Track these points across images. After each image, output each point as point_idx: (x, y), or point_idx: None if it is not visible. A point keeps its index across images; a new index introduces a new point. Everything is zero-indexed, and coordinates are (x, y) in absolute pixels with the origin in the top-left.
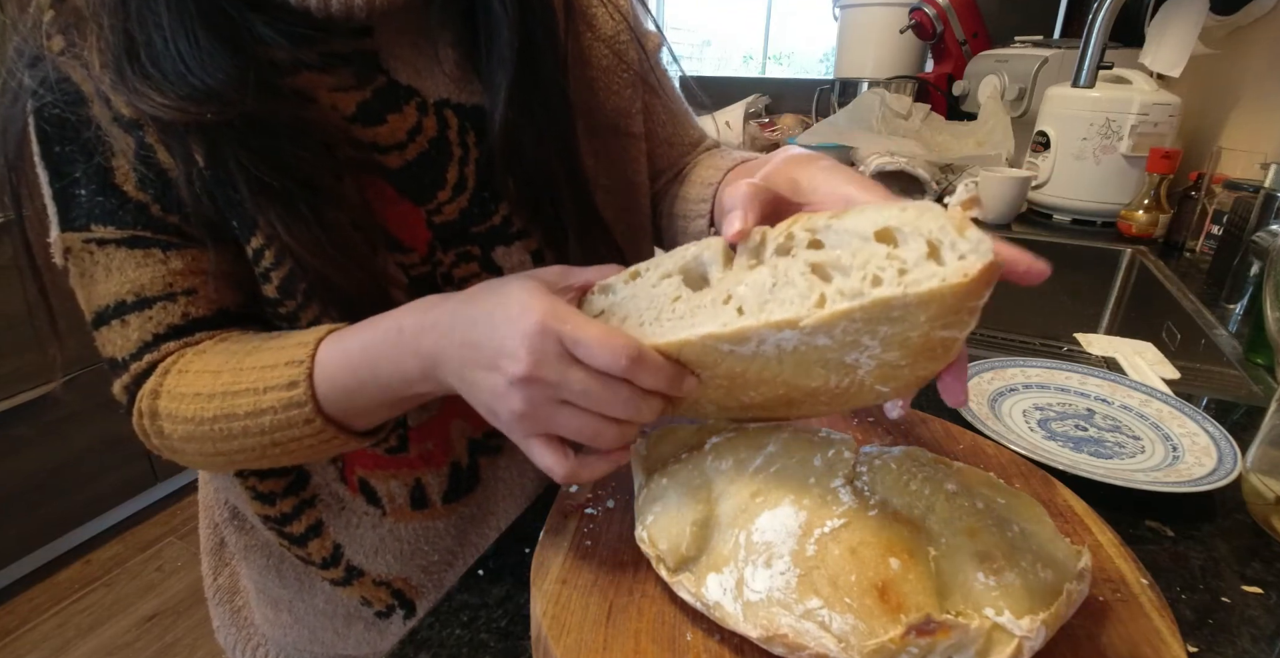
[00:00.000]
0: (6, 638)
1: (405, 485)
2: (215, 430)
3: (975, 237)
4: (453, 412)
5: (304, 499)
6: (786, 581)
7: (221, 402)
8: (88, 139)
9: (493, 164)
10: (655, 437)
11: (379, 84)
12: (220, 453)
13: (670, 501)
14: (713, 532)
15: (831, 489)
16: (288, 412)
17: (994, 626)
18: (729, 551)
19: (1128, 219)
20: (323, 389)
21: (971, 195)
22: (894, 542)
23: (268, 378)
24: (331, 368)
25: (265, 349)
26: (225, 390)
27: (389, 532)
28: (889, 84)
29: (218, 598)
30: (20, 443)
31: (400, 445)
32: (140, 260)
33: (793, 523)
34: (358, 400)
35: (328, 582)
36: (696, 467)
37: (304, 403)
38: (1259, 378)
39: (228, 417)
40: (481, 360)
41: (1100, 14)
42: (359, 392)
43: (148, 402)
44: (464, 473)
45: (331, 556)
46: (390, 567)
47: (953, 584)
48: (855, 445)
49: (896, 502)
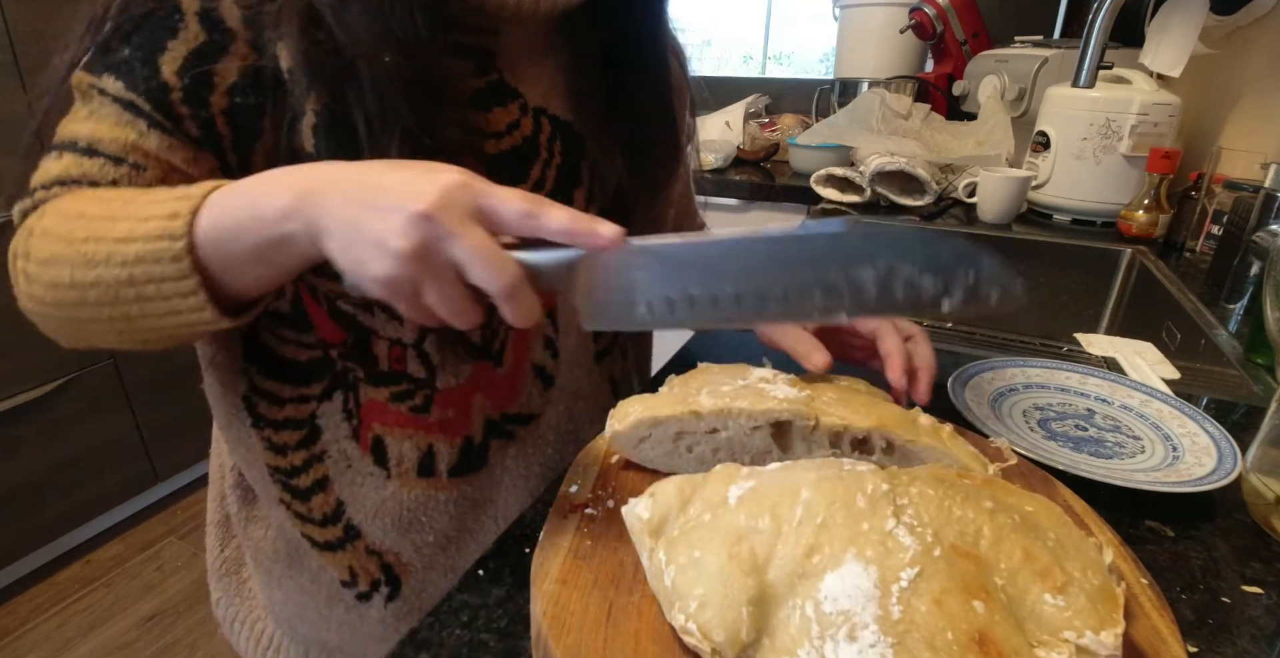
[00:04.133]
0: (6, 638)
1: (417, 449)
2: (79, 253)
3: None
4: (478, 385)
5: (314, 454)
6: (880, 654)
7: (100, 225)
8: (162, 15)
9: (571, 174)
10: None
11: (491, 78)
12: (74, 287)
13: (710, 577)
14: (770, 607)
15: (888, 533)
16: (158, 243)
17: (1078, 649)
18: (798, 628)
19: (1128, 219)
20: (201, 227)
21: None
22: (969, 582)
23: (153, 209)
24: (217, 209)
25: (164, 190)
26: (107, 214)
27: (391, 495)
28: (889, 84)
29: (222, 570)
30: (20, 443)
31: (424, 406)
32: (121, 122)
33: (865, 582)
34: (229, 245)
35: (318, 549)
36: (727, 528)
37: (178, 236)
38: (1259, 378)
39: (97, 239)
40: (380, 200)
41: (1100, 14)
42: (232, 233)
43: (34, 219)
44: (474, 450)
45: (333, 512)
46: (386, 535)
47: (1023, 611)
48: (885, 474)
49: (949, 533)
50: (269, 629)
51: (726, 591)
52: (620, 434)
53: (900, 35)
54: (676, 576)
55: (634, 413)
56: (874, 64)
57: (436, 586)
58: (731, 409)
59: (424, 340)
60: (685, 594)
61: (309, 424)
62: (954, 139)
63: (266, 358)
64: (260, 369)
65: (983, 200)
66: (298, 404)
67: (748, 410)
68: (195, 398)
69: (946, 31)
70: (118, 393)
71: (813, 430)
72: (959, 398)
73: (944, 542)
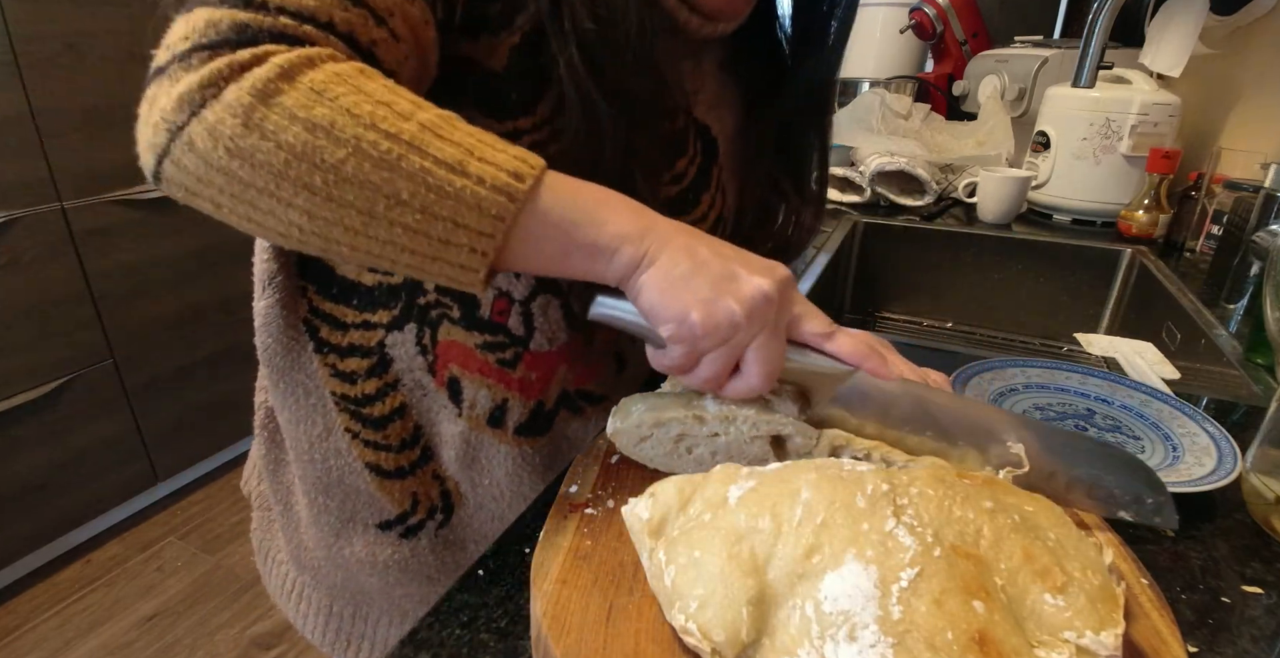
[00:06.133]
0: (6, 638)
1: (492, 400)
2: (379, 149)
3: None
4: (566, 356)
5: (387, 382)
6: (881, 654)
7: (418, 132)
8: None
9: (705, 175)
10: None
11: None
12: (338, 175)
13: (710, 577)
14: (770, 607)
15: (888, 533)
16: (493, 194)
17: (1078, 649)
18: (797, 628)
19: (1128, 219)
20: (541, 199)
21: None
22: (969, 581)
23: (494, 155)
24: (559, 192)
25: (491, 136)
26: (431, 124)
27: (459, 433)
28: (889, 84)
29: (257, 503)
30: (20, 443)
31: (512, 362)
32: None
33: (866, 582)
34: (549, 229)
35: (380, 478)
36: (727, 528)
37: (517, 197)
38: (1259, 378)
39: (414, 147)
40: (738, 267)
41: (1100, 14)
42: (564, 221)
43: (292, 57)
44: (543, 415)
45: (412, 436)
46: (450, 464)
47: (1023, 611)
48: (885, 474)
49: (949, 533)
50: (291, 573)
51: (726, 591)
52: (622, 432)
53: (900, 35)
54: (676, 575)
55: (637, 412)
56: (874, 64)
57: (483, 526)
58: (735, 416)
59: (533, 300)
60: (685, 594)
61: (378, 353)
62: (954, 139)
63: (325, 277)
64: (318, 290)
65: (983, 200)
66: (363, 330)
67: (752, 418)
68: (195, 398)
69: (946, 31)
70: (118, 393)
71: (815, 447)
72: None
73: (944, 542)
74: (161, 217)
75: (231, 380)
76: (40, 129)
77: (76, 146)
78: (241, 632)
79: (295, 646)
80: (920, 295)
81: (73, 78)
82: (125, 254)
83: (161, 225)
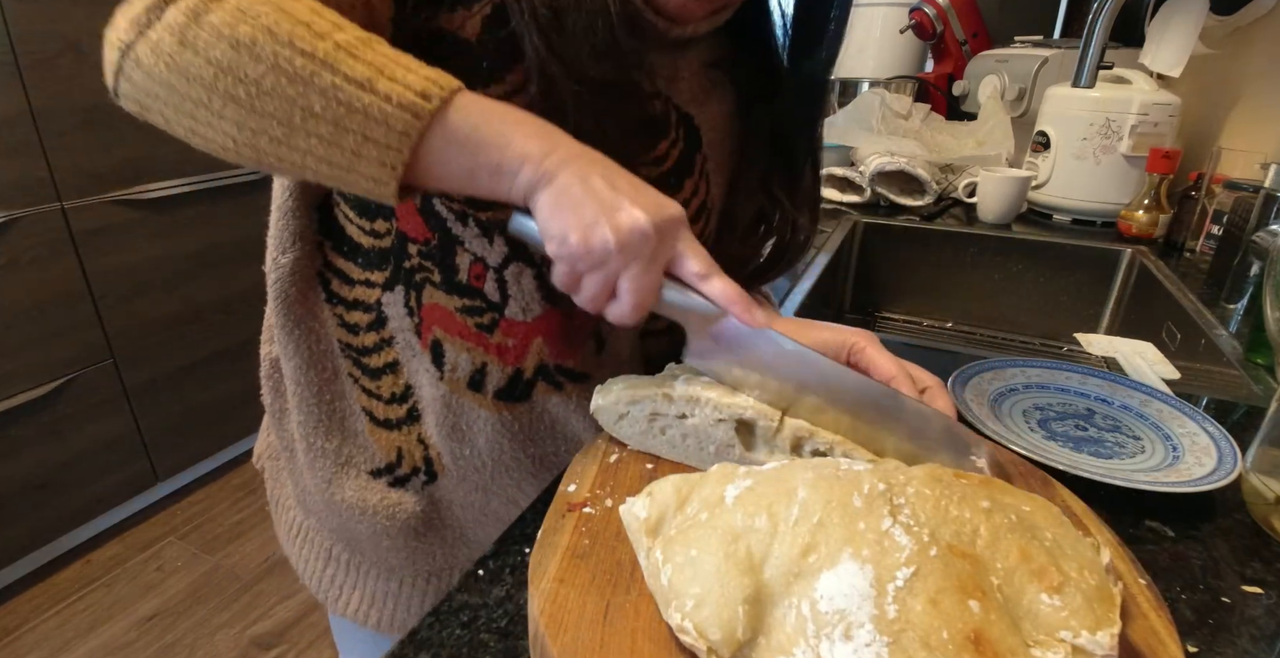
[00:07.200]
0: (6, 638)
1: (472, 364)
2: (293, 65)
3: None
4: (542, 329)
5: (383, 338)
6: (876, 653)
7: (332, 51)
8: None
9: (687, 161)
10: (655, 490)
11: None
12: (259, 88)
13: (707, 575)
14: (767, 606)
15: (885, 533)
16: (399, 111)
17: (1074, 648)
18: (793, 627)
19: (1128, 219)
20: (449, 118)
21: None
22: (965, 581)
23: (404, 75)
24: (469, 112)
25: (405, 56)
26: (345, 44)
27: (441, 396)
28: (889, 84)
29: (268, 454)
30: (20, 443)
31: (489, 327)
32: None
33: (862, 582)
34: (455, 148)
35: (374, 425)
36: (724, 527)
37: (422, 115)
38: (1259, 378)
39: (324, 63)
40: (623, 197)
41: (1100, 14)
42: (469, 141)
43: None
44: (522, 383)
45: (402, 393)
46: (434, 430)
47: (1019, 611)
48: (881, 473)
49: (945, 532)
50: (298, 517)
51: (723, 589)
52: (602, 408)
53: (900, 35)
54: (673, 574)
55: (616, 390)
56: (874, 64)
57: (468, 495)
58: (699, 398)
59: (506, 267)
60: (682, 593)
61: (376, 309)
62: (954, 139)
63: (337, 235)
64: (333, 246)
65: (983, 200)
66: (365, 288)
67: (714, 401)
68: (195, 398)
69: (946, 31)
70: (118, 393)
71: (776, 433)
72: (959, 398)
73: (940, 541)
74: (161, 217)
75: (231, 380)
76: (40, 129)
77: (76, 146)
78: (241, 632)
79: (295, 646)
80: (920, 295)
81: (73, 78)
82: (125, 254)
83: (161, 225)
